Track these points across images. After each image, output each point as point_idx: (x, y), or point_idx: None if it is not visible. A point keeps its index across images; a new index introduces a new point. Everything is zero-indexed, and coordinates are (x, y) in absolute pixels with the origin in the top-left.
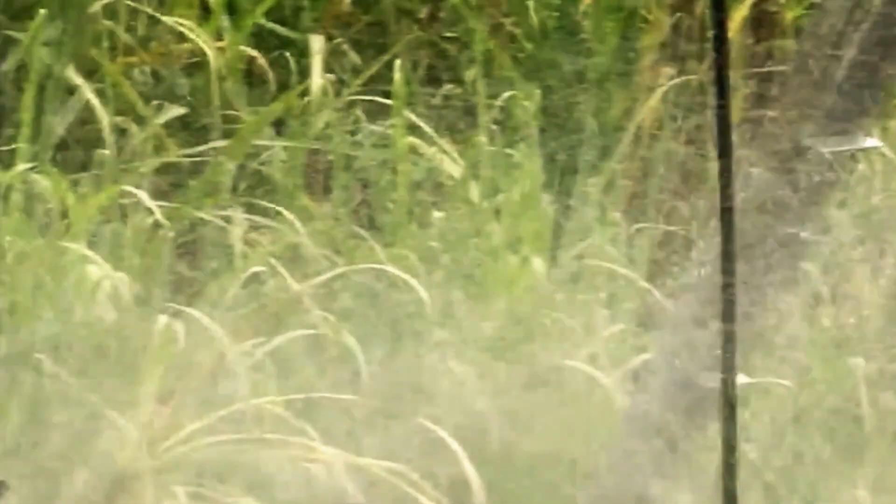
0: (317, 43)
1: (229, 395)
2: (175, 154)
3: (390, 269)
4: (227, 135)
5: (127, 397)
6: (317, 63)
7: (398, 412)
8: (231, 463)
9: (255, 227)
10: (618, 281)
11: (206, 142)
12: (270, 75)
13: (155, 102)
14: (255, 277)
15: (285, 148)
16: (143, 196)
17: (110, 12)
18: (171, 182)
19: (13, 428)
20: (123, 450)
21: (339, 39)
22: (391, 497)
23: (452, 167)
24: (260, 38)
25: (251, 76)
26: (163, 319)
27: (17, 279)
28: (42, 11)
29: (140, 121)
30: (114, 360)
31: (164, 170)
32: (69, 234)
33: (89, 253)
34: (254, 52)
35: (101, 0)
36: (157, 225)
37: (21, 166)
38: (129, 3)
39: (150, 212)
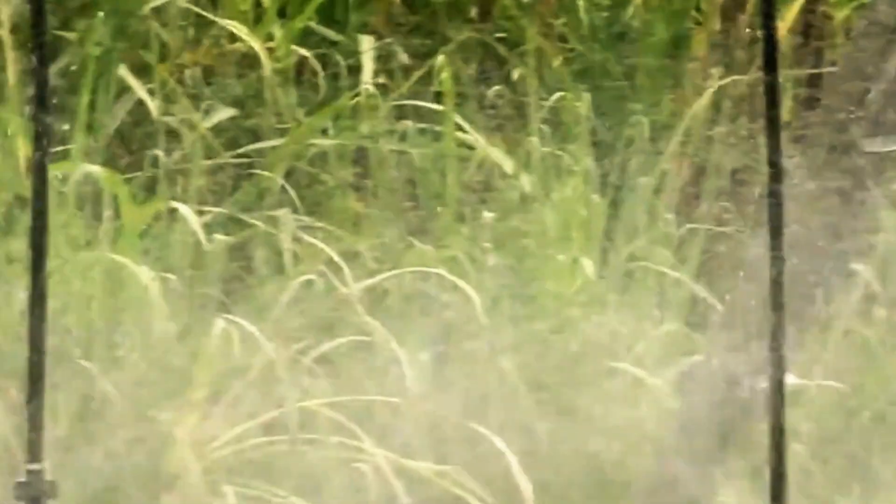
0: (366, 43)
1: (279, 398)
2: (225, 156)
3: (440, 271)
4: (277, 136)
5: (177, 400)
6: (367, 64)
7: (447, 414)
8: (280, 464)
9: (304, 230)
10: (667, 282)
11: (255, 143)
12: (321, 76)
13: (205, 104)
14: (305, 281)
15: (334, 149)
16: (188, 209)
17: (162, 13)
18: (220, 184)
19: (64, 430)
20: (173, 451)
21: (389, 40)
22: (440, 499)
23: (503, 168)
24: (310, 39)
25: (301, 77)
26: (213, 323)
27: (68, 282)
28: (99, 14)
29: (190, 122)
30: (164, 363)
31: (214, 172)
32: (121, 238)
33: (140, 256)
34: (304, 53)
35: (153, 2)
36: (206, 229)
37: (74, 166)
38: (180, 4)
39: (199, 215)
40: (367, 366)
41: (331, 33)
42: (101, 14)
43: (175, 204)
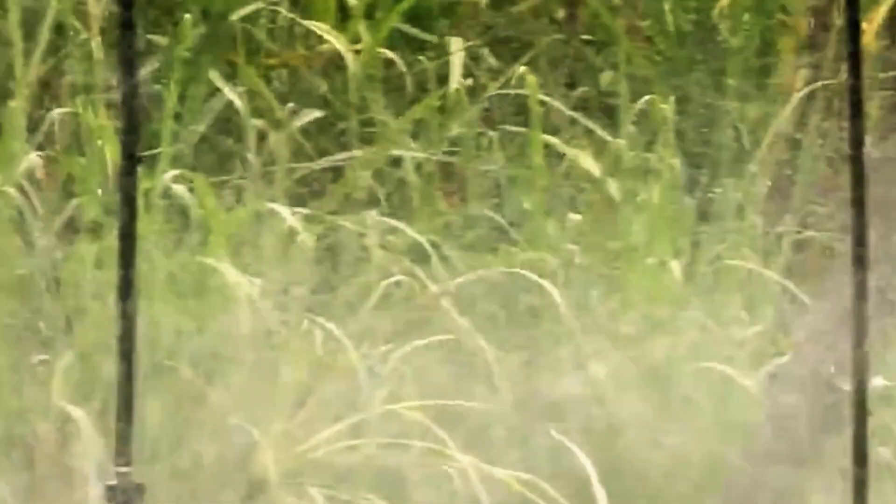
0: (455, 44)
1: (366, 400)
2: (312, 158)
3: (526, 273)
4: (364, 138)
5: (265, 402)
6: (456, 64)
7: (533, 417)
8: (366, 467)
9: (391, 232)
10: (756, 283)
11: (342, 145)
12: (408, 78)
13: (292, 106)
14: (392, 283)
15: (421, 151)
16: (276, 211)
17: (249, 16)
18: (308, 186)
19: (153, 433)
20: (260, 453)
21: (476, 42)
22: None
23: (590, 170)
24: (397, 41)
25: (388, 79)
26: (300, 325)
27: (157, 286)
28: (187, 16)
29: (277, 124)
30: (252, 366)
31: (301, 173)
32: (209, 241)
33: (228, 258)
34: (391, 55)
35: (242, 7)
36: (294, 230)
37: (163, 171)
38: (268, 7)
39: (289, 216)
40: (453, 367)
41: (419, 34)
42: (188, 16)
43: (264, 206)
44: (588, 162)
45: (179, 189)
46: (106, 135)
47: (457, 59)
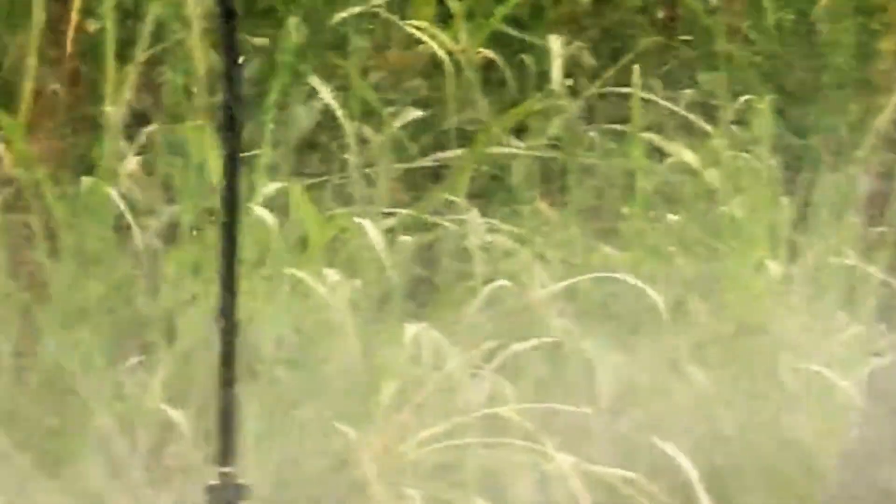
0: (556, 44)
1: (465, 402)
2: (412, 159)
3: (626, 276)
4: (464, 138)
5: (364, 403)
6: (557, 64)
7: (632, 420)
8: (466, 467)
9: (492, 233)
10: (855, 283)
11: (443, 146)
12: (508, 78)
13: (393, 107)
14: (493, 284)
15: (523, 151)
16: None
17: (350, 18)
18: (408, 188)
19: (252, 435)
20: (359, 454)
21: (577, 42)
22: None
23: (689, 170)
24: (497, 41)
25: (488, 79)
26: (399, 328)
27: (254, 288)
28: (291, 19)
29: (378, 126)
30: (351, 369)
31: (401, 175)
32: (308, 243)
33: (327, 261)
34: (492, 55)
35: (343, 10)
36: (394, 232)
37: (262, 173)
38: (368, 9)
39: (387, 218)
40: (554, 370)
41: (519, 34)
42: (292, 19)
43: (365, 208)
44: (688, 162)
45: (278, 191)
46: (206, 137)
47: (557, 59)
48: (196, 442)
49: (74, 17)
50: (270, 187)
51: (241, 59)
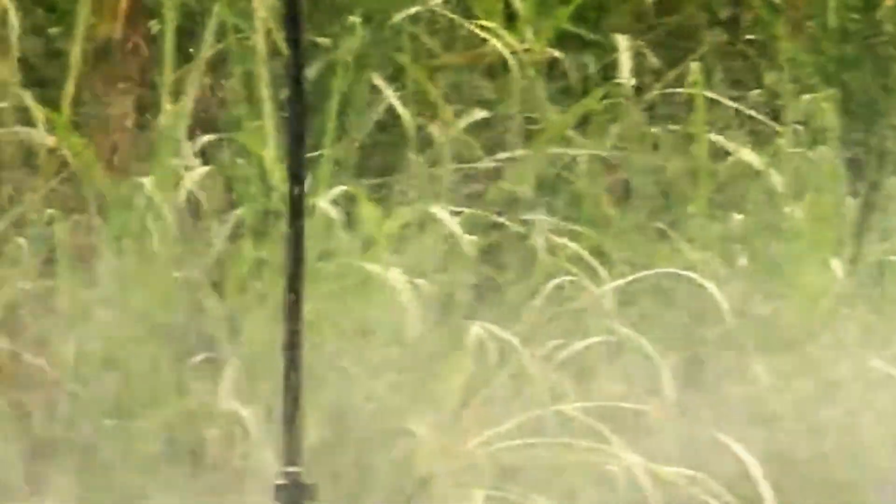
0: (623, 42)
1: (529, 400)
2: (477, 158)
3: (689, 273)
4: (529, 138)
5: (429, 402)
6: (624, 62)
7: (696, 417)
8: (530, 466)
9: (555, 233)
10: None
11: (507, 145)
12: (573, 77)
13: (457, 107)
14: (556, 283)
15: (586, 151)
16: (445, 210)
17: (413, 17)
18: (472, 187)
19: (319, 435)
20: (423, 453)
21: (641, 41)
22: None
23: (753, 169)
24: (562, 40)
25: (553, 78)
26: (463, 326)
27: (320, 290)
28: (352, 19)
29: (442, 125)
30: (416, 368)
31: (465, 174)
32: (373, 242)
33: (391, 260)
34: (558, 54)
35: (406, 9)
36: (458, 231)
37: (326, 173)
38: (432, 8)
39: (451, 217)
40: (617, 367)
41: (585, 34)
42: (353, 19)
43: (429, 208)
44: (752, 161)
45: (343, 192)
46: (268, 138)
47: (624, 58)
48: (263, 441)
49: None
50: (334, 187)
51: (304, 60)
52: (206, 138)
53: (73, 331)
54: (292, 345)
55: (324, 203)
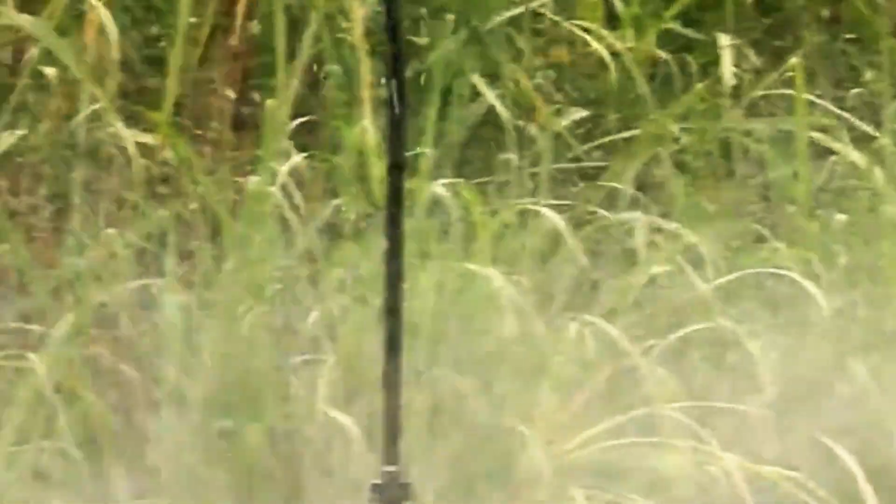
0: (725, 40)
1: (629, 399)
2: (577, 158)
3: (789, 273)
4: (629, 137)
5: (530, 402)
6: (727, 61)
7: (796, 416)
8: (630, 466)
9: (655, 230)
10: None
11: (607, 144)
12: (675, 77)
13: (557, 106)
14: (657, 280)
15: (687, 149)
16: (546, 209)
17: (514, 17)
18: (573, 186)
19: (415, 435)
20: (524, 453)
21: (742, 41)
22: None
23: (855, 169)
24: (662, 39)
25: (653, 77)
26: (565, 323)
27: (419, 288)
28: (454, 18)
29: (542, 125)
30: (516, 365)
31: (565, 173)
32: (473, 241)
33: (492, 258)
34: (661, 54)
35: (507, 9)
36: (559, 230)
37: (426, 172)
38: (532, 8)
39: (553, 215)
40: (716, 366)
41: (688, 32)
42: (456, 18)
43: (529, 206)
44: (853, 160)
45: (442, 191)
46: (368, 136)
47: (726, 56)
48: (362, 441)
49: (239, 17)
50: (434, 184)
51: (404, 59)
52: (307, 136)
53: (172, 332)
54: (391, 344)
55: (423, 201)
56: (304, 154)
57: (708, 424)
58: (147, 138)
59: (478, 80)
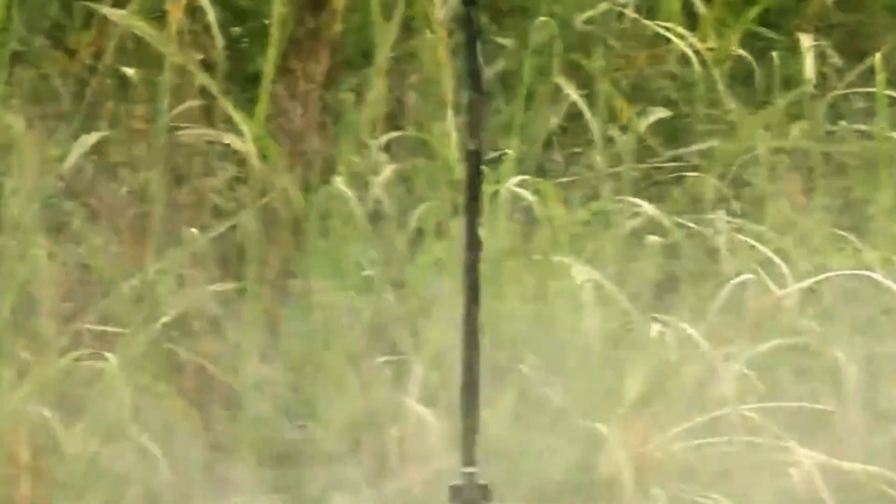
0: (807, 41)
1: (710, 400)
2: (659, 158)
3: (872, 274)
4: (711, 137)
5: (610, 401)
6: (807, 60)
7: (879, 419)
8: (711, 467)
9: (738, 232)
10: None
11: (689, 145)
12: (758, 77)
13: (639, 106)
14: (738, 283)
15: (770, 151)
16: (627, 210)
17: (595, 17)
18: (654, 186)
19: (497, 434)
20: (606, 452)
21: (821, 42)
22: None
23: None
24: (744, 39)
25: (734, 77)
26: (646, 325)
27: (502, 286)
28: (537, 19)
29: (624, 125)
30: (597, 366)
31: (647, 173)
32: (555, 241)
33: (574, 257)
34: (743, 54)
35: (590, 9)
36: (640, 230)
37: (508, 172)
38: (615, 8)
39: (633, 217)
40: (798, 369)
41: (768, 33)
42: (539, 19)
43: (609, 206)
44: None
45: (524, 191)
46: (450, 136)
47: (807, 57)
48: (445, 441)
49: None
50: (517, 185)
51: (483, 59)
52: (391, 136)
53: (258, 331)
54: (470, 344)
55: (506, 201)
56: (390, 154)
57: (790, 425)
58: (235, 140)
59: (561, 80)
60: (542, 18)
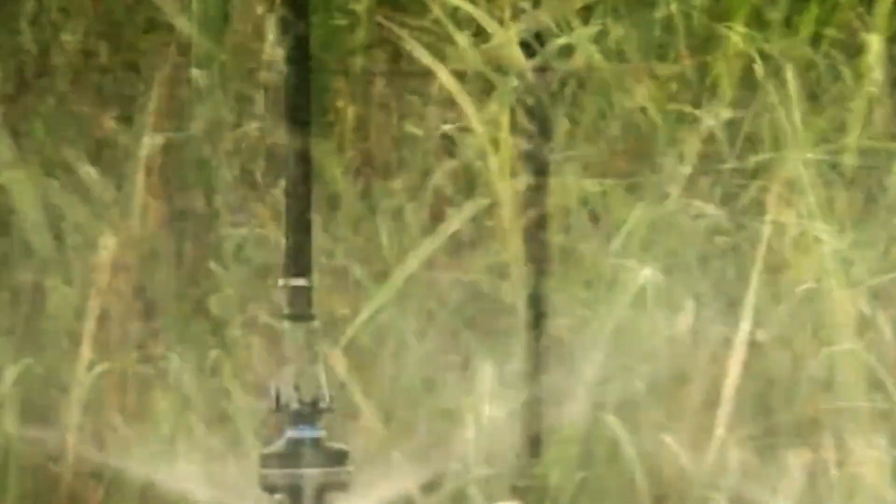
0: (875, 43)
1: (773, 403)
2: (726, 159)
3: None
4: (777, 140)
5: (674, 404)
6: (875, 63)
7: None
8: (774, 471)
9: (801, 233)
10: None
11: (756, 146)
12: (824, 79)
13: (707, 107)
14: (805, 286)
15: (833, 154)
16: (696, 211)
17: (662, 18)
18: (722, 188)
19: (555, 436)
20: (670, 454)
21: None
22: None
23: None
24: (812, 40)
25: (803, 80)
26: (710, 326)
27: (568, 287)
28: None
29: (693, 126)
30: (666, 367)
31: (715, 175)
32: (622, 241)
33: (641, 258)
34: (808, 54)
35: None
36: (709, 232)
37: (575, 174)
38: (682, 9)
39: (699, 218)
40: (865, 370)
41: (836, 34)
42: (605, 20)
43: (677, 207)
44: None
45: (593, 192)
46: (507, 139)
47: (875, 59)
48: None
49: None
50: (583, 186)
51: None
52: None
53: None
54: (533, 346)
55: (572, 202)
56: (448, 153)
57: (850, 425)
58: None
59: (628, 80)
60: (608, 20)
